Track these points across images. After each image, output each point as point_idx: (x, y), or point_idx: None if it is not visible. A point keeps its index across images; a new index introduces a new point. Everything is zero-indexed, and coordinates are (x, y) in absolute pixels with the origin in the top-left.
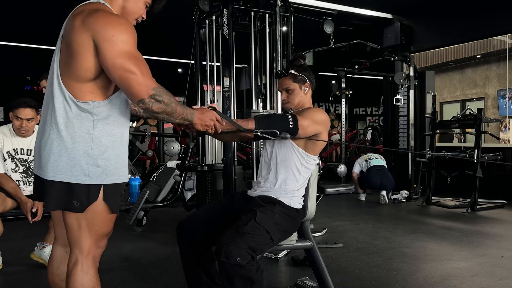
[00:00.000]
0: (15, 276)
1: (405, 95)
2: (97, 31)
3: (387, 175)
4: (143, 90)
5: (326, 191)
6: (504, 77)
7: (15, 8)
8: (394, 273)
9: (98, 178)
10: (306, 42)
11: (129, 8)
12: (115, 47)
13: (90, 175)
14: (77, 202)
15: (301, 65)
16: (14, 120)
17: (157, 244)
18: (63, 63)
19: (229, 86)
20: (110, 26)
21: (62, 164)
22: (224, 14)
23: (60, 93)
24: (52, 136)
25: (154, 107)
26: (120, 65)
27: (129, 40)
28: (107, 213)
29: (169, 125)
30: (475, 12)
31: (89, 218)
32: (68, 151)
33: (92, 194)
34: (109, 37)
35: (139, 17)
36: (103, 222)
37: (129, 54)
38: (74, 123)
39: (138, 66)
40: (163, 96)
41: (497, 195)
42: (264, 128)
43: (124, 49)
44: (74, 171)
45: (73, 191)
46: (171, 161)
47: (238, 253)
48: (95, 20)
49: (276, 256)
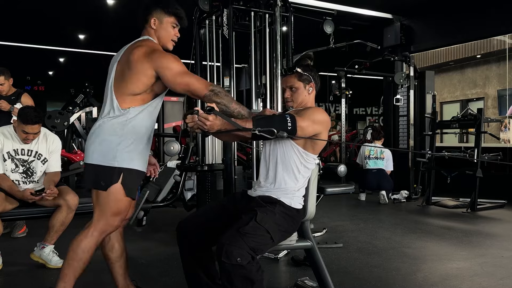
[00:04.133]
0: (15, 276)
1: (405, 95)
2: (158, 63)
3: (384, 177)
4: (202, 88)
5: (326, 191)
6: (504, 77)
7: (15, 8)
8: (394, 273)
9: (121, 163)
10: (306, 42)
11: (161, 35)
12: (172, 71)
13: (117, 160)
14: (103, 182)
15: (307, 65)
16: (19, 132)
17: (157, 244)
18: (117, 81)
19: (229, 86)
20: (166, 59)
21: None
22: (224, 14)
23: (110, 101)
24: (97, 131)
25: (215, 98)
26: (179, 81)
27: (178, 64)
28: (122, 195)
29: (169, 125)
30: (475, 12)
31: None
32: (106, 141)
33: (115, 176)
34: (166, 65)
35: (173, 37)
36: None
37: (181, 72)
38: (113, 122)
39: (189, 76)
40: (219, 89)
41: (497, 195)
42: (261, 125)
43: (177, 70)
44: (107, 156)
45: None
46: (171, 161)
47: (238, 253)
48: (157, 56)
49: (276, 256)
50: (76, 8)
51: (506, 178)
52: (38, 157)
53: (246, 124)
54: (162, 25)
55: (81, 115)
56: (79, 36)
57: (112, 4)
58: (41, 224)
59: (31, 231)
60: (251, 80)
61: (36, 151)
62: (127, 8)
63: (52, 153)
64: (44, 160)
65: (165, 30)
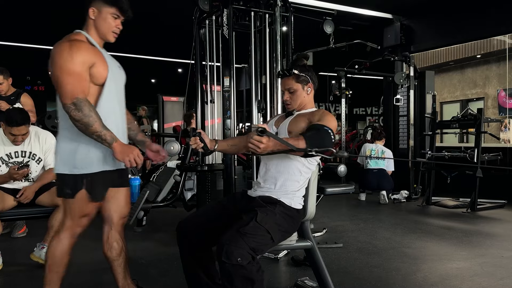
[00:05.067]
0: (15, 276)
1: (405, 95)
2: (53, 52)
3: (384, 177)
4: (67, 96)
5: (326, 191)
6: (504, 77)
7: (15, 8)
8: (394, 273)
9: (81, 170)
10: (306, 42)
11: (101, 26)
12: (58, 62)
13: (77, 167)
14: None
15: (304, 65)
16: (7, 134)
17: (157, 244)
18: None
19: (229, 86)
20: (60, 49)
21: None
22: (224, 14)
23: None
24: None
25: (73, 113)
26: (56, 73)
27: (71, 58)
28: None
29: (169, 125)
30: (475, 12)
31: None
32: (63, 149)
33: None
34: (57, 54)
35: (114, 29)
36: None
37: (64, 68)
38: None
39: (68, 77)
40: (85, 107)
41: (497, 195)
42: (315, 144)
43: (62, 64)
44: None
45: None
46: (171, 161)
47: (239, 253)
48: (57, 46)
49: (276, 256)
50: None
51: (506, 178)
52: (33, 157)
53: (299, 143)
54: (101, 15)
55: None
56: None
57: None
58: (41, 224)
59: (31, 231)
60: (251, 80)
61: (30, 151)
62: None
63: (47, 152)
64: (39, 160)
65: (104, 21)
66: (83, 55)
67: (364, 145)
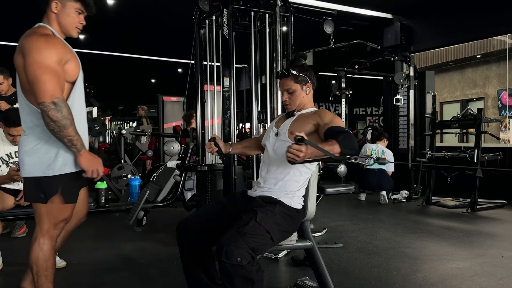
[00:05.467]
0: (15, 276)
1: (405, 95)
2: (25, 45)
3: (384, 177)
4: (46, 95)
5: (326, 191)
6: (504, 77)
7: (15, 8)
8: (394, 273)
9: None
10: (306, 42)
11: (64, 21)
12: (33, 57)
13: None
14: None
15: (302, 65)
16: (6, 134)
17: (157, 244)
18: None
19: (229, 86)
20: (34, 42)
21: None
22: (224, 14)
23: (23, 105)
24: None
25: (51, 113)
26: (31, 69)
27: (47, 53)
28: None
29: (169, 125)
30: (475, 12)
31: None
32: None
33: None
34: (30, 47)
35: (77, 25)
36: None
37: (41, 64)
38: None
39: (46, 74)
40: (63, 108)
41: (497, 195)
42: (349, 148)
43: (39, 59)
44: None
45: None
46: (171, 161)
47: (239, 253)
48: (27, 38)
49: (276, 256)
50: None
51: (506, 178)
52: None
53: (334, 148)
54: (64, 9)
55: None
56: (79, 36)
57: (112, 4)
58: None
59: (31, 231)
60: (251, 80)
61: None
62: (127, 8)
63: None
64: None
65: (68, 16)
66: (60, 52)
67: (364, 145)
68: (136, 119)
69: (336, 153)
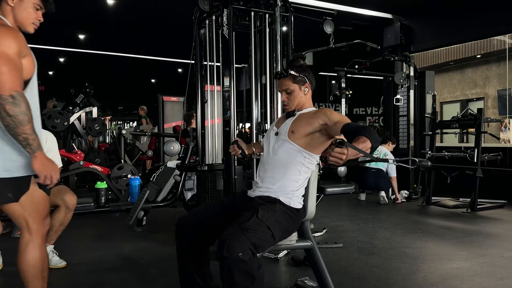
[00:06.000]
0: (15, 276)
1: (405, 95)
2: None
3: (382, 177)
4: (4, 87)
5: (326, 191)
6: (504, 77)
7: None
8: (394, 273)
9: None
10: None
11: (20, 15)
12: None
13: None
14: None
15: (300, 66)
16: None
17: (157, 244)
18: None
19: (229, 86)
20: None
21: None
22: (224, 14)
23: None
24: None
25: (8, 107)
26: None
27: (9, 44)
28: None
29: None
30: (475, 12)
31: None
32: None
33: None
34: None
35: (34, 21)
36: None
37: (2, 53)
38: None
39: (6, 65)
40: (22, 103)
41: (497, 195)
42: (376, 141)
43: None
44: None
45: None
46: (171, 161)
47: (240, 248)
48: None
49: (276, 256)
50: (76, 8)
51: (506, 178)
52: None
53: (367, 145)
54: (22, 3)
55: (81, 115)
56: (79, 36)
57: (112, 4)
58: None
59: None
60: (251, 80)
61: None
62: (127, 8)
63: (48, 152)
64: None
65: (25, 10)
66: (20, 45)
67: None
68: (136, 119)
69: (369, 149)
